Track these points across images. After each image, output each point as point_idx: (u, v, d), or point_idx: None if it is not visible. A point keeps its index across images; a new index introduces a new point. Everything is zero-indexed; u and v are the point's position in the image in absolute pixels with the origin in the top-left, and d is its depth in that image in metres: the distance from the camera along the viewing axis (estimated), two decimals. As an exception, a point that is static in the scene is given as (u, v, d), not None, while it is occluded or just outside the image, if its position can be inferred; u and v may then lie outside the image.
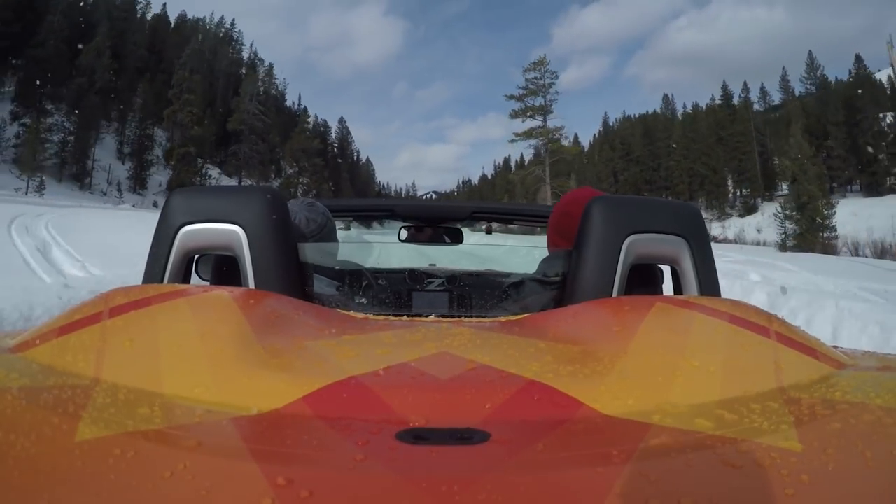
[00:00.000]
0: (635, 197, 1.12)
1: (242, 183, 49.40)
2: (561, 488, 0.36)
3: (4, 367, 0.59)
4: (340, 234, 1.80)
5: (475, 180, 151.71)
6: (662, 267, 1.20)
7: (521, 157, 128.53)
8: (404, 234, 2.28)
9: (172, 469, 0.37)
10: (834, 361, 0.65)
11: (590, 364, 0.59)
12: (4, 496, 0.34)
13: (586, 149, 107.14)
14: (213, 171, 53.29)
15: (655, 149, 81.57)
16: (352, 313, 0.92)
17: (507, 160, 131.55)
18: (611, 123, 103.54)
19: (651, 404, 0.51)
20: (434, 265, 2.14)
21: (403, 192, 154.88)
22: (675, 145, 76.48)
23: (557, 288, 1.11)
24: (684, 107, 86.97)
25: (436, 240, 2.27)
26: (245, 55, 76.98)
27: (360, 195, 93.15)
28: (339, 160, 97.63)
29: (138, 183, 50.11)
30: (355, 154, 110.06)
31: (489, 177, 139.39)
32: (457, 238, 2.25)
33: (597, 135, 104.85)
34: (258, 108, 51.34)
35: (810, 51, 70.27)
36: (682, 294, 1.03)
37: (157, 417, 0.47)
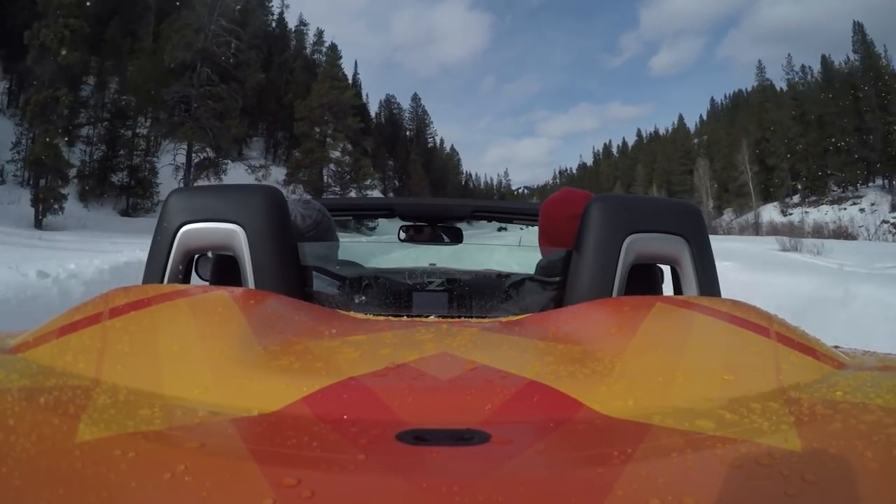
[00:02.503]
0: (635, 196, 1.12)
1: (193, 154, 26.49)
2: (561, 489, 0.35)
3: (4, 367, 0.58)
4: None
5: (571, 170, 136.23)
6: (662, 267, 1.17)
7: (623, 140, 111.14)
8: (404, 233, 2.11)
9: (173, 470, 0.36)
10: (834, 361, 0.63)
11: (590, 364, 0.58)
12: (4, 497, 0.33)
13: (693, 129, 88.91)
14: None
15: (842, 104, 53.26)
16: (352, 314, 0.90)
17: (607, 146, 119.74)
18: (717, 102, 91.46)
19: (651, 405, 0.49)
20: (434, 264, 2.02)
21: (495, 184, 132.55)
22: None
23: (557, 288, 1.08)
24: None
25: (436, 239, 2.08)
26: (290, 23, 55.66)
27: (436, 184, 70.78)
28: (405, 140, 75.11)
29: (31, 166, 28.54)
30: (435, 139, 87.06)
31: (588, 165, 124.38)
32: (457, 237, 2.10)
33: (704, 116, 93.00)
34: (222, 27, 26.63)
35: None
36: (682, 294, 1.00)
37: (157, 418, 0.45)
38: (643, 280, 1.09)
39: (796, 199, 59.66)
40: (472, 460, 0.39)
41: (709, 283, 0.98)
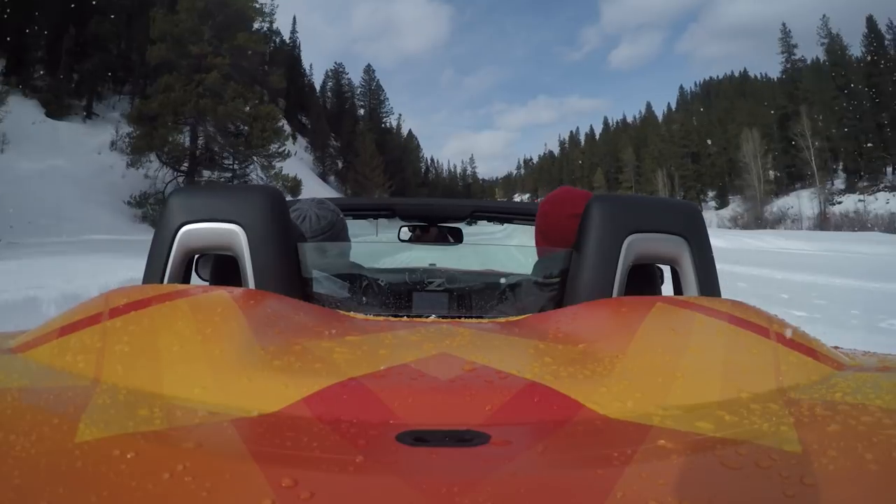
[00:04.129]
0: (635, 196, 1.11)
1: None
2: (561, 491, 0.35)
3: (5, 367, 0.58)
4: None
5: (529, 163, 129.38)
6: (662, 267, 1.17)
7: (591, 128, 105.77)
8: (405, 233, 2.15)
9: (172, 471, 0.35)
10: (834, 362, 0.63)
11: (590, 365, 0.57)
12: (4, 497, 0.33)
13: (661, 117, 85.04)
14: None
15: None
16: (352, 314, 0.89)
17: (573, 134, 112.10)
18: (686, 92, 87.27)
19: (651, 406, 0.49)
20: (434, 265, 2.02)
21: (458, 173, 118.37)
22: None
23: (556, 288, 1.07)
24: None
25: (436, 239, 2.11)
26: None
27: (392, 167, 56.16)
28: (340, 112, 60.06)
29: None
30: (390, 119, 71.84)
31: (555, 154, 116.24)
32: (457, 237, 2.11)
33: (673, 105, 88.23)
34: None
35: None
36: (682, 294, 0.98)
37: (157, 419, 0.45)
38: (643, 280, 1.07)
39: (838, 184, 47.67)
40: (472, 461, 0.39)
41: (709, 283, 0.96)
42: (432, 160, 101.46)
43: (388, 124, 70.61)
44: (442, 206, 1.99)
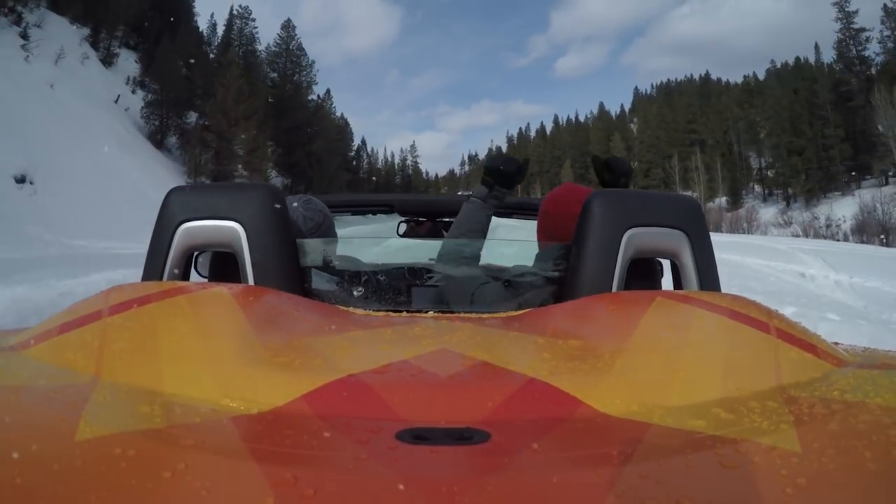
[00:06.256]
0: (635, 191, 1.11)
1: None
2: (561, 489, 0.34)
3: (5, 365, 0.58)
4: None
5: (475, 159, 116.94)
6: (662, 261, 1.19)
7: (542, 125, 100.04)
8: (403, 228, 2.16)
9: (173, 468, 0.35)
10: (834, 358, 0.62)
11: (590, 361, 0.57)
12: (4, 495, 0.32)
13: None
14: None
15: None
16: (351, 309, 0.89)
17: (523, 131, 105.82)
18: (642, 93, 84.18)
19: (651, 403, 0.48)
20: (433, 260, 1.94)
21: (397, 162, 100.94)
22: None
23: (556, 283, 1.07)
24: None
25: (434, 234, 2.13)
26: None
27: (293, 135, 37.57)
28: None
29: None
30: (308, 87, 52.50)
31: (503, 149, 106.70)
32: None
33: (627, 107, 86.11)
34: None
35: None
36: (681, 288, 0.97)
37: (157, 416, 0.45)
38: (643, 274, 1.06)
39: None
40: (472, 459, 0.38)
41: (709, 277, 0.95)
42: (364, 142, 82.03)
43: (305, 91, 51.93)
44: (439, 201, 2.07)
